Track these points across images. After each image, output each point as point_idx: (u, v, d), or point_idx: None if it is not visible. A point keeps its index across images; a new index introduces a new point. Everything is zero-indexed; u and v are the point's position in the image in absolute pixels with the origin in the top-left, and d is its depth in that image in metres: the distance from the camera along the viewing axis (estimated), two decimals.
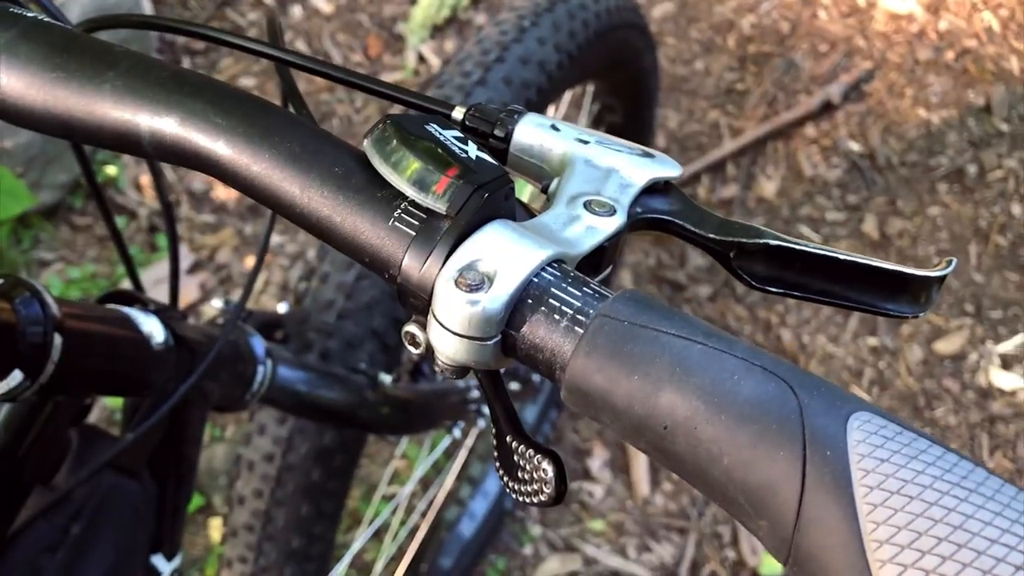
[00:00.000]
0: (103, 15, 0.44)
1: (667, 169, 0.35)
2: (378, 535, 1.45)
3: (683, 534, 1.62)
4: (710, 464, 0.24)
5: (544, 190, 0.36)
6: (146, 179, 1.99)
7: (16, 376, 0.46)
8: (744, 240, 0.33)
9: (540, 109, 0.99)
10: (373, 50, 2.11)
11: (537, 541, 1.63)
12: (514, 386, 1.23)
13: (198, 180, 1.97)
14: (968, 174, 1.91)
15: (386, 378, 0.79)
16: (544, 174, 0.36)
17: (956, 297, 1.78)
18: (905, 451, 0.23)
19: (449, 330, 0.28)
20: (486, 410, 1.09)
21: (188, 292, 1.84)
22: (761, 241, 0.33)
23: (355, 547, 1.22)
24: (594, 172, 0.34)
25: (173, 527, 0.68)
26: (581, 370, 0.27)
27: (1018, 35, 2.11)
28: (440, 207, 0.29)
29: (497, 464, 0.32)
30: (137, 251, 1.88)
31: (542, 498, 0.30)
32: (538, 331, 0.28)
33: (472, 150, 0.31)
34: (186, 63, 2.10)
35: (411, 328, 0.31)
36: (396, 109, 1.36)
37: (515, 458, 0.31)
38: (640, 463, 1.67)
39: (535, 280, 0.29)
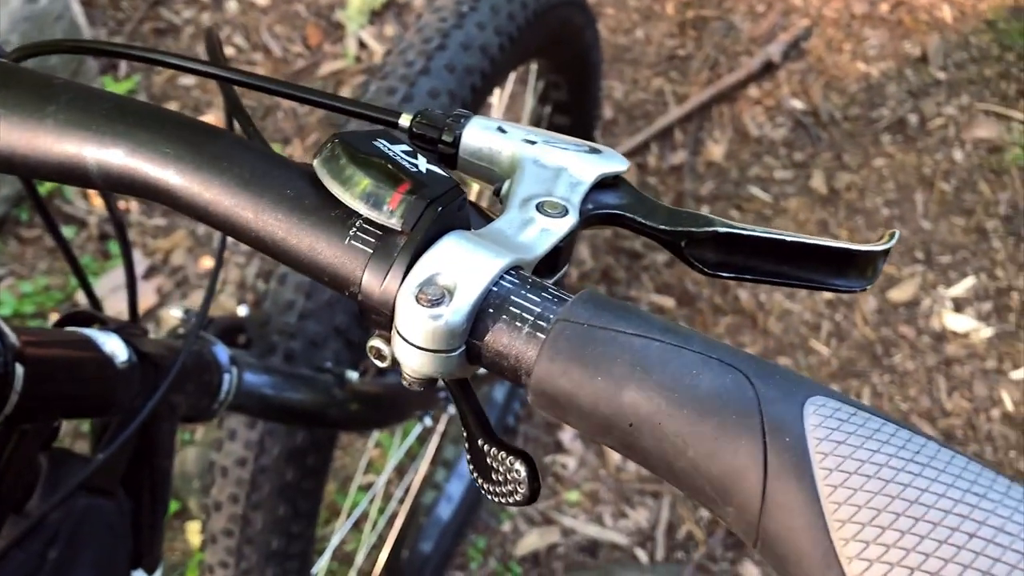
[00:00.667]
0: (35, 42, 0.44)
1: (614, 164, 0.36)
2: (357, 525, 1.46)
3: (657, 498, 1.65)
4: (676, 457, 0.25)
5: (496, 192, 0.36)
6: None
7: None
8: (693, 229, 0.34)
9: (486, 93, 0.99)
10: (312, 40, 2.09)
11: (515, 517, 1.65)
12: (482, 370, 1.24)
13: None
14: (910, 124, 1.94)
15: (353, 375, 0.79)
16: (494, 176, 0.37)
17: (906, 245, 1.82)
18: (860, 432, 0.24)
19: (414, 345, 0.29)
20: None
21: (145, 298, 1.82)
22: (710, 229, 0.34)
23: (335, 540, 1.23)
24: (544, 172, 0.35)
25: (152, 540, 0.68)
26: (546, 375, 0.28)
27: None
28: (395, 223, 0.30)
29: (471, 468, 0.33)
30: (90, 260, 1.86)
31: (517, 498, 0.31)
32: (501, 339, 0.29)
33: (422, 163, 0.32)
34: (123, 66, 2.07)
35: (376, 343, 0.31)
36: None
37: (488, 461, 0.31)
38: None
39: (494, 289, 0.29)
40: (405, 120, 0.38)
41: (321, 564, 1.04)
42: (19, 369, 0.47)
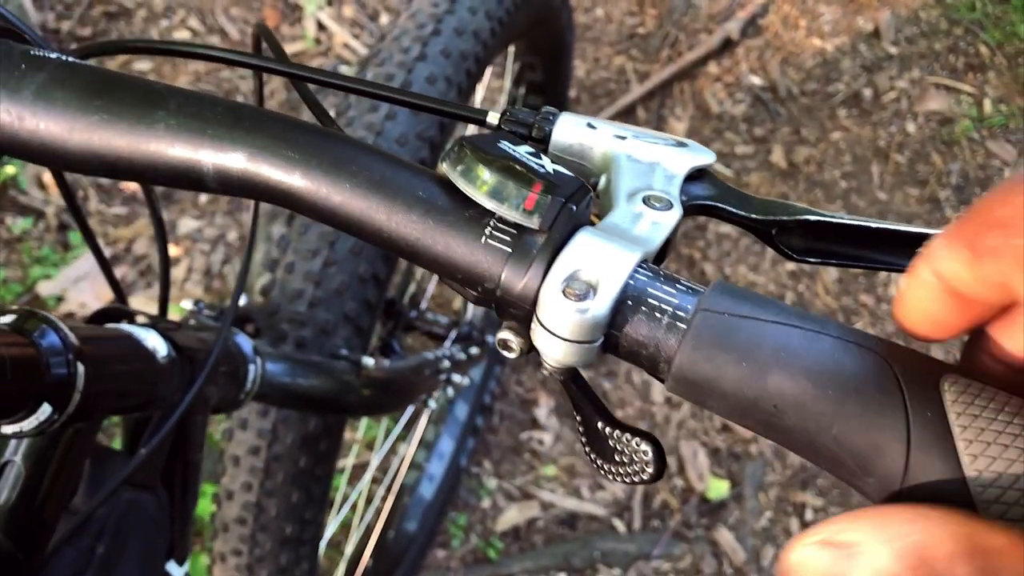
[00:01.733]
0: (99, 41, 0.44)
1: (703, 157, 0.37)
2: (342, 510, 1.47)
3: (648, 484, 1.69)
4: (819, 434, 0.27)
5: (592, 188, 0.37)
6: (48, 175, 1.92)
7: (45, 410, 0.46)
8: (784, 218, 0.36)
9: (479, 77, 1.00)
10: (270, 22, 2.06)
11: (494, 493, 1.67)
12: (474, 350, 1.26)
13: None
14: (864, 98, 2.00)
15: (369, 361, 0.80)
16: (588, 172, 0.38)
17: (863, 216, 1.88)
18: (992, 405, 0.26)
19: (558, 336, 0.30)
20: (456, 378, 1.12)
21: (107, 288, 1.79)
22: (799, 218, 0.36)
23: (329, 530, 1.24)
24: (639, 167, 0.36)
25: (182, 532, 0.68)
26: (689, 362, 0.29)
27: None
28: (532, 223, 0.31)
29: (589, 452, 0.35)
30: (49, 251, 1.82)
31: (644, 476, 0.32)
32: (640, 330, 0.30)
33: (547, 163, 0.33)
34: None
35: (505, 335, 0.32)
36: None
37: (610, 443, 0.33)
38: None
39: (631, 283, 0.30)
40: (493, 118, 0.39)
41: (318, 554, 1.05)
42: (80, 368, 0.47)
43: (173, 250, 1.84)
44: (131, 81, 0.36)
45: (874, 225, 0.35)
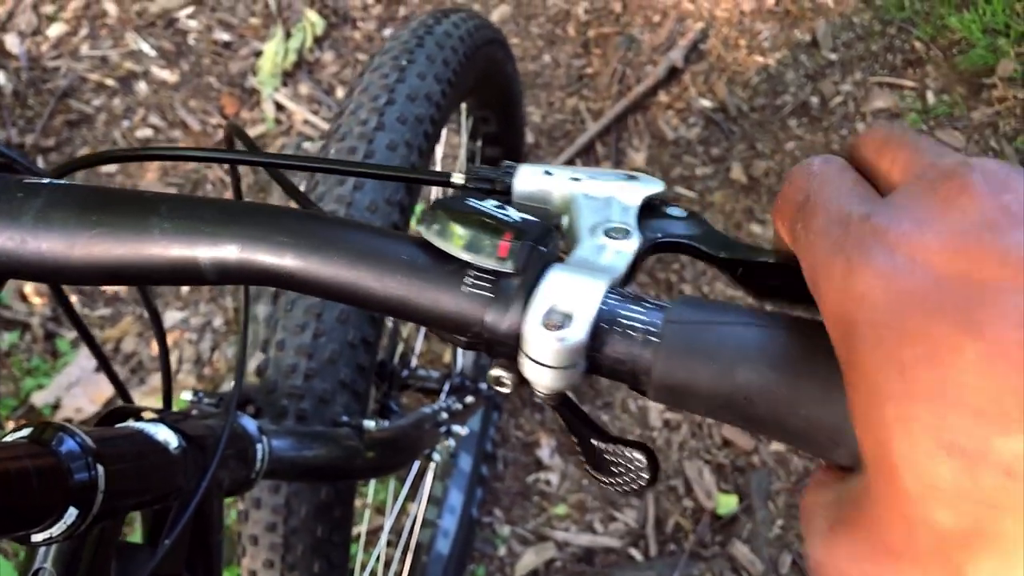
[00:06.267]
0: (75, 158, 0.47)
1: (653, 187, 0.41)
2: None
3: (641, 497, 1.71)
4: (789, 416, 0.31)
5: (557, 228, 0.41)
6: (29, 287, 1.94)
7: (72, 513, 0.48)
8: (749, 259, 0.39)
9: (436, 138, 1.04)
10: (229, 109, 2.11)
11: (509, 540, 1.68)
12: (469, 399, 1.28)
13: None
14: (812, 106, 2.06)
15: (370, 424, 0.83)
16: (550, 214, 0.42)
17: None
18: None
19: (544, 365, 0.33)
20: (456, 429, 1.14)
21: (105, 389, 1.81)
22: (762, 260, 0.39)
23: None
24: (596, 203, 0.40)
25: None
26: (665, 371, 0.32)
27: None
28: (507, 267, 0.34)
29: (586, 467, 0.38)
30: (40, 361, 1.84)
31: (641, 483, 0.36)
32: (618, 348, 0.33)
33: (513, 213, 0.36)
34: (40, 161, 2.05)
35: (497, 372, 0.35)
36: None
37: (606, 457, 0.36)
38: None
39: (603, 308, 0.34)
40: (458, 178, 0.43)
41: None
42: (100, 469, 0.49)
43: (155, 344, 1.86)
44: (122, 193, 0.39)
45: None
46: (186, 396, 0.82)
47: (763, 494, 1.71)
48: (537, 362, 0.33)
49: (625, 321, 0.33)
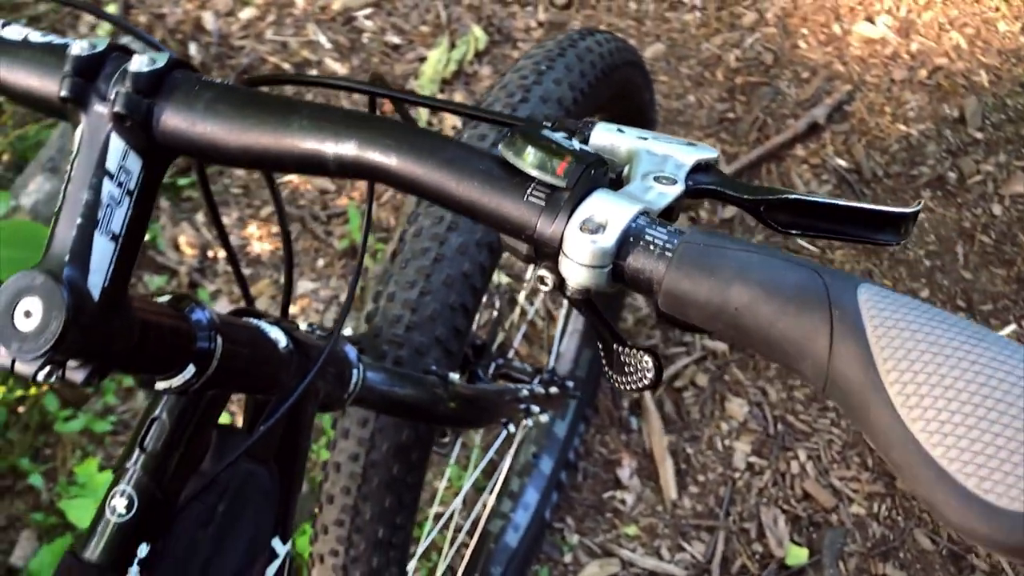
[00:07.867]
0: (263, 74, 0.58)
1: (707, 153, 0.48)
2: (427, 554, 1.56)
3: (712, 532, 1.73)
4: (768, 329, 0.37)
5: (617, 176, 0.48)
6: (183, 239, 2.13)
7: (190, 370, 0.58)
8: (770, 198, 0.46)
9: None
10: (388, 107, 2.26)
11: (576, 549, 1.73)
12: (553, 389, 1.35)
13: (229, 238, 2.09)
14: (949, 180, 2.05)
15: (455, 377, 0.91)
16: (616, 164, 0.49)
17: (948, 294, 1.91)
18: (892, 303, 0.36)
19: (577, 263, 0.41)
20: (535, 408, 1.22)
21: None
22: (782, 197, 0.46)
23: (411, 566, 1.33)
24: (654, 158, 0.47)
25: (287, 513, 0.79)
26: (672, 281, 0.39)
27: (984, 51, 2.26)
28: (561, 183, 0.42)
29: (606, 368, 0.45)
30: None
31: (646, 382, 0.43)
32: (638, 259, 0.41)
33: (576, 144, 0.44)
34: None
35: (541, 272, 0.43)
36: None
37: (622, 359, 0.43)
38: (667, 468, 1.78)
39: (632, 225, 0.41)
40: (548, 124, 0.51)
41: None
42: (219, 340, 0.59)
43: (291, 307, 2.00)
44: (273, 98, 0.49)
45: (843, 204, 0.45)
46: (302, 326, 0.92)
47: (835, 553, 1.70)
48: (571, 259, 0.41)
49: (648, 238, 0.41)
